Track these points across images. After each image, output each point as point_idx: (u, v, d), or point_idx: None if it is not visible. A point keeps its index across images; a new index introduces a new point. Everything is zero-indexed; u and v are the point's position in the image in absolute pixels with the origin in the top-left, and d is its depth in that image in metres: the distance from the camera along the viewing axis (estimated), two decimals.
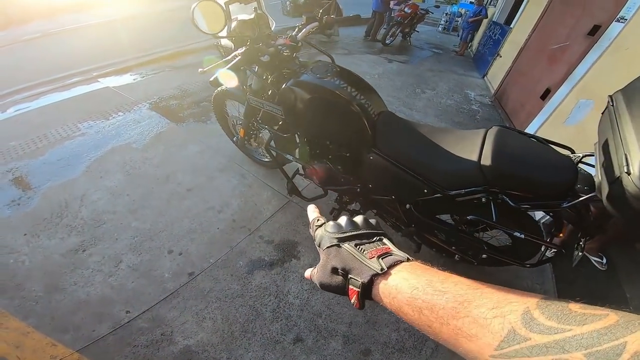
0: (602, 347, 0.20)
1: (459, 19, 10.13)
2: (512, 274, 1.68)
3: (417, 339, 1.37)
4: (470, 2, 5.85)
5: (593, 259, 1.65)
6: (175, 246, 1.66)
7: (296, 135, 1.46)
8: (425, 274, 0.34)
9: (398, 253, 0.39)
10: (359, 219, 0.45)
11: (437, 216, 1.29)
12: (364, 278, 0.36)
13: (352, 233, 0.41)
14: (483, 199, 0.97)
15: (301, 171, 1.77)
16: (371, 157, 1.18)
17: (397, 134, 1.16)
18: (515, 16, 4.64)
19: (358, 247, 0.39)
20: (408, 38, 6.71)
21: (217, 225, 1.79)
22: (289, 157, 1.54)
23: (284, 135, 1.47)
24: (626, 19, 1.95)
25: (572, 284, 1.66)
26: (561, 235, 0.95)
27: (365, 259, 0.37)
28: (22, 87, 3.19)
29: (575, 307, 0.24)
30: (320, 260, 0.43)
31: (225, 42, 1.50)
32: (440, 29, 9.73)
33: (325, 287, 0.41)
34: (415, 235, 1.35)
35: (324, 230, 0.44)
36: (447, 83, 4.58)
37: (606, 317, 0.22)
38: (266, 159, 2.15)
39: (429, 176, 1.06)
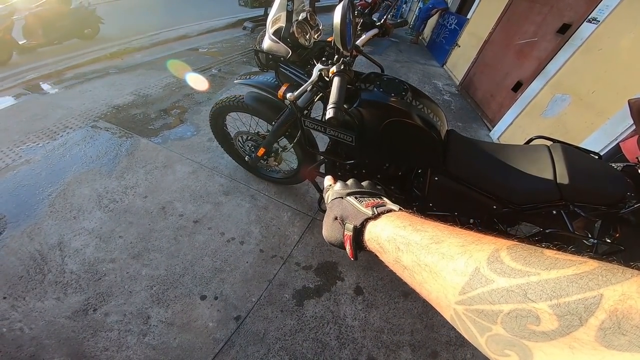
0: (571, 299, 0.17)
1: (404, 6, 10.75)
2: None
3: None
4: None
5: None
6: (206, 290, 1.53)
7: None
8: (410, 218, 0.36)
9: (392, 205, 0.42)
10: (365, 182, 0.52)
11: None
12: (357, 222, 0.40)
13: (355, 190, 0.47)
14: (554, 211, 1.11)
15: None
16: (436, 178, 1.23)
17: (466, 155, 1.23)
18: (467, 6, 5.07)
19: (358, 199, 0.44)
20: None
21: (245, 259, 1.69)
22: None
23: (346, 162, 1.38)
24: (598, 21, 2.18)
25: None
26: (617, 235, 1.15)
27: (362, 208, 0.42)
28: None
29: (550, 252, 0.21)
30: (326, 214, 0.48)
31: (272, 46, 1.24)
32: (389, 16, 10.23)
33: (329, 238, 0.45)
34: None
35: (332, 189, 0.51)
36: (415, 74, 4.89)
37: (582, 264, 0.18)
38: (279, 176, 2.07)
39: (503, 195, 1.16)
